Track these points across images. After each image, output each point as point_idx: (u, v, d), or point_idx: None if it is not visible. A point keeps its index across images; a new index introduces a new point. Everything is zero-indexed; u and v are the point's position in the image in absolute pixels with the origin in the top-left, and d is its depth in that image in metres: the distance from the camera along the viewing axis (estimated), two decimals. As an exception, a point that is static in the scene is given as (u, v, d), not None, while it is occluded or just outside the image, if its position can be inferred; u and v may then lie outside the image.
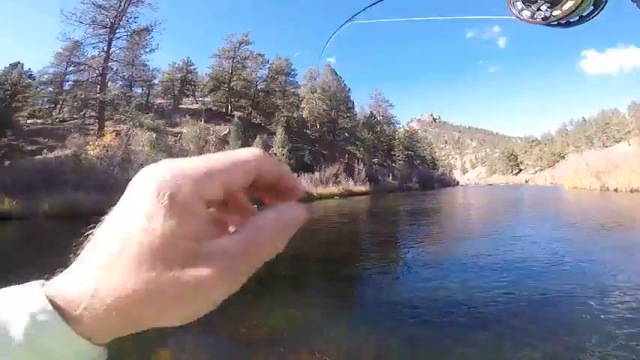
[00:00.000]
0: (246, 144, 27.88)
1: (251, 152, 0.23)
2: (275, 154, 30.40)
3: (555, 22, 0.45)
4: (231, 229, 0.23)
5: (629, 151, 45.45)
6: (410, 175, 51.99)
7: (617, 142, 69.04)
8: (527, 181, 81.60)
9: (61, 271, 0.20)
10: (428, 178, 58.14)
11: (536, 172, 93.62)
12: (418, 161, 67.21)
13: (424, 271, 6.36)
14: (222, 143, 26.87)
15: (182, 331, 3.79)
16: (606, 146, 68.81)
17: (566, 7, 0.43)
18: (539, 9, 0.42)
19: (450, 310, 4.50)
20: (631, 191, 26.20)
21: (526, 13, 0.41)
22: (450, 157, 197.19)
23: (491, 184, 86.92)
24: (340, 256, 8.16)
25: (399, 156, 59.15)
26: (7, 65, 31.41)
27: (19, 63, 32.20)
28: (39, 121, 28.76)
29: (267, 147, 30.04)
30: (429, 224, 13.93)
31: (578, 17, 0.45)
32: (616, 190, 27.84)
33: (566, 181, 38.56)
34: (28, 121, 28.03)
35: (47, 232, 11.63)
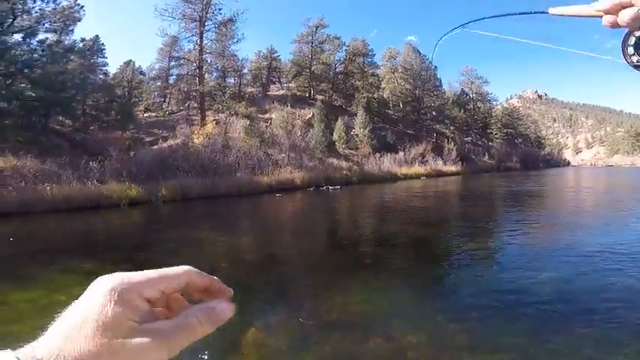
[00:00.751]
0: (329, 126, 28.27)
1: (182, 268, 0.33)
2: (356, 134, 30.21)
3: None
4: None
5: None
6: (509, 154, 46.72)
7: None
8: (658, 163, 65.91)
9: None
10: (531, 157, 52.02)
11: (673, 153, 75.07)
12: (520, 140, 59.91)
13: (515, 261, 5.60)
14: (307, 126, 27.68)
15: (269, 312, 4.00)
16: None
17: None
18: None
19: (539, 305, 3.87)
20: None
21: (635, 58, 0.42)
22: (560, 135, 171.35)
23: (611, 165, 73.00)
24: (423, 239, 7.70)
25: (496, 134, 53.63)
26: (122, 64, 35.71)
27: (130, 61, 36.18)
28: (153, 114, 32.68)
29: (348, 128, 30.00)
30: (526, 209, 12.25)
31: None
32: None
33: None
34: (145, 115, 32.05)
35: (165, 215, 13.03)
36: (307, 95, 39.32)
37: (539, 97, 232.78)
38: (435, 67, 46.93)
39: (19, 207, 11.25)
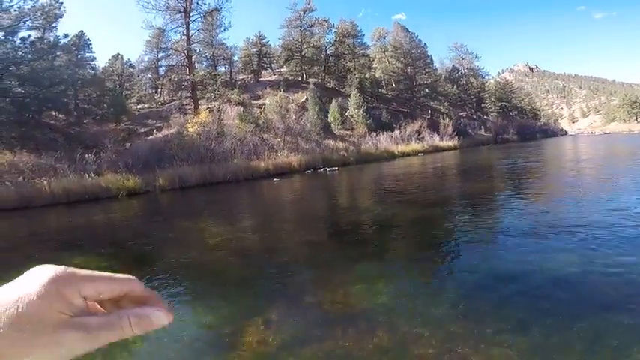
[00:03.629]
0: (323, 108, 28.09)
1: (127, 276, 0.33)
2: (351, 115, 30.06)
3: None
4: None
5: None
6: (505, 127, 46.82)
7: None
8: (657, 128, 66.14)
9: None
10: (527, 128, 52.12)
11: (670, 118, 75.32)
12: (515, 112, 59.87)
13: (520, 241, 5.28)
14: (302, 109, 27.52)
15: (269, 305, 3.83)
16: None
17: None
18: None
19: (545, 288, 3.67)
20: None
21: None
22: (555, 106, 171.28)
23: (608, 133, 73.00)
24: (424, 219, 7.41)
25: (491, 108, 53.64)
26: (110, 58, 35.94)
27: (119, 54, 36.38)
28: (145, 105, 32.53)
29: (343, 109, 29.83)
30: (526, 179, 12.15)
31: None
32: None
33: None
34: (138, 106, 31.88)
35: (164, 204, 12.98)
36: (300, 79, 38.97)
37: (531, 69, 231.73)
38: (425, 44, 46.45)
39: (18, 202, 11.30)
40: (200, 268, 5.35)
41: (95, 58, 31.50)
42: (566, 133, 77.19)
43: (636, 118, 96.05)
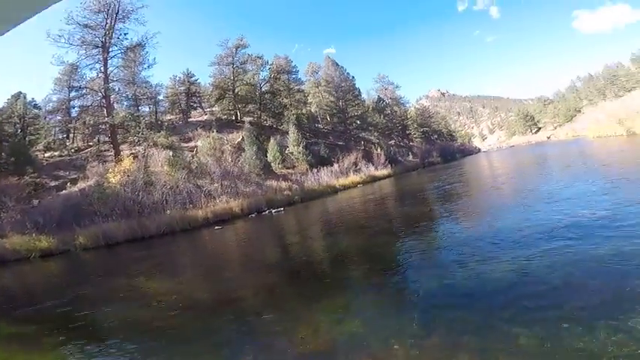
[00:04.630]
0: (261, 148, 27.49)
1: None
2: (291, 152, 29.91)
3: None
4: None
5: (645, 97, 43.35)
6: (430, 151, 51.01)
7: (629, 91, 65.31)
8: (548, 138, 78.63)
9: None
10: (448, 150, 57.33)
11: (555, 128, 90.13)
12: (435, 136, 65.84)
13: (466, 251, 5.77)
14: (238, 150, 26.56)
15: (238, 356, 3.50)
16: (619, 96, 65.30)
17: None
18: None
19: (505, 292, 3.99)
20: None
21: None
22: (467, 126, 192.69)
23: (512, 146, 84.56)
24: (374, 246, 7.63)
25: (414, 134, 58.28)
26: (9, 97, 30.72)
27: (20, 93, 31.37)
28: (55, 153, 28.46)
29: (282, 147, 29.57)
30: (457, 197, 13.17)
31: None
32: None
33: (588, 132, 37.77)
34: (46, 155, 27.83)
35: (88, 264, 11.66)
36: (234, 118, 37.90)
37: (443, 94, 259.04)
38: (353, 77, 49.22)
39: None
40: (140, 327, 4.74)
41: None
42: (479, 150, 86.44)
43: (531, 130, 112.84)
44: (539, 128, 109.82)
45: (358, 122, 46.58)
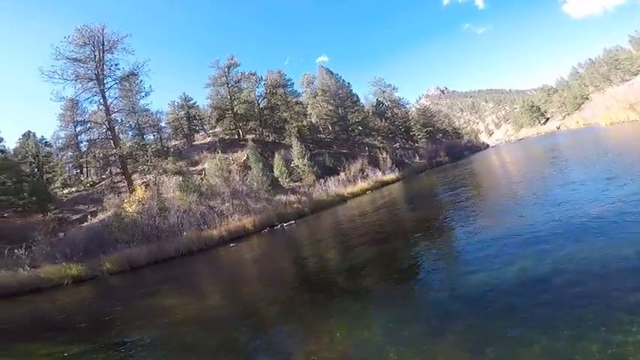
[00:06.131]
0: (267, 164, 28.04)
1: None
2: (297, 166, 30.37)
3: None
4: None
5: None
6: (436, 151, 50.54)
7: (635, 74, 63.95)
8: (558, 128, 76.43)
9: None
10: (455, 148, 56.54)
11: (564, 117, 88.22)
12: (440, 135, 65.45)
13: (480, 255, 5.64)
14: (245, 169, 27.14)
15: (261, 349, 3.88)
16: (625, 80, 64.10)
17: None
18: None
19: (520, 294, 3.91)
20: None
21: None
22: (471, 122, 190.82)
23: (522, 139, 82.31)
24: (387, 254, 7.71)
25: (419, 135, 57.87)
26: (20, 137, 31.54)
27: (30, 132, 32.20)
28: (73, 189, 29.21)
29: (287, 161, 30.07)
30: (468, 199, 12.90)
31: None
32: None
33: (600, 119, 36.58)
34: (64, 192, 28.62)
35: (117, 286, 12.28)
36: (236, 137, 38.60)
37: (442, 92, 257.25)
38: (349, 83, 49.62)
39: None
40: (170, 345, 5.04)
41: (2, 139, 26.89)
42: (487, 145, 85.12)
43: (539, 121, 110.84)
44: (547, 119, 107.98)
45: (360, 128, 46.87)
